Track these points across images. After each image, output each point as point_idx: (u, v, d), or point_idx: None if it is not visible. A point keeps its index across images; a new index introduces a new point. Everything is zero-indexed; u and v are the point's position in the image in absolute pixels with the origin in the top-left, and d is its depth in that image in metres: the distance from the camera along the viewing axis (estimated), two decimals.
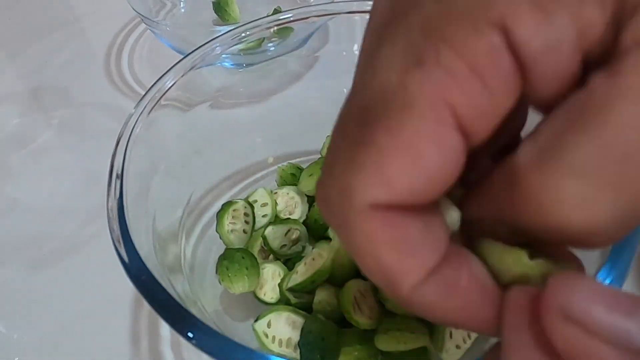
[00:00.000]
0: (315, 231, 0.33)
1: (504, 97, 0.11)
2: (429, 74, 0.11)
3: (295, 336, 0.27)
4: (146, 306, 0.34)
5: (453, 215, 0.14)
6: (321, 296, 0.28)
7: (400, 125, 0.11)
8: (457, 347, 0.26)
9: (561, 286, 0.11)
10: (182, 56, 0.32)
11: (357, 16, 0.35)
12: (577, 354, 0.10)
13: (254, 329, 0.27)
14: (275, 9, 0.51)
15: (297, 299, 0.29)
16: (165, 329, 0.33)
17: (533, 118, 0.14)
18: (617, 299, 0.10)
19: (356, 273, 0.30)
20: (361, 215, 0.12)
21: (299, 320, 0.28)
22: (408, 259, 0.12)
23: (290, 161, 0.37)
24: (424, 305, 0.13)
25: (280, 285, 0.30)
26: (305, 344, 0.26)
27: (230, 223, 0.32)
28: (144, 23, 0.46)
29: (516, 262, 0.13)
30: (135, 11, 0.46)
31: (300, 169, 0.36)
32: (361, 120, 0.12)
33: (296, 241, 0.32)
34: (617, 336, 0.10)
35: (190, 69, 0.31)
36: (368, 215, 0.12)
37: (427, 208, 0.13)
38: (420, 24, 0.12)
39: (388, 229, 0.12)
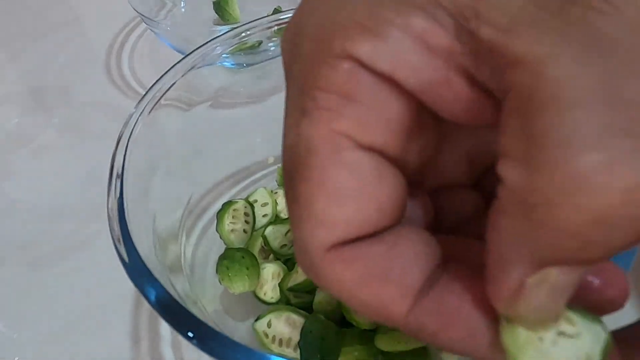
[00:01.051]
0: None
1: (388, 107, 0.12)
2: (313, 117, 0.12)
3: (296, 336, 0.27)
4: (146, 306, 0.34)
5: None
6: (321, 296, 0.28)
7: (310, 170, 0.12)
8: None
9: None
10: (182, 56, 0.32)
11: None
12: None
13: (254, 329, 0.28)
14: (275, 8, 0.51)
15: (298, 298, 0.29)
16: (165, 328, 0.33)
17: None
18: None
19: None
20: (323, 261, 0.13)
21: (299, 320, 0.28)
22: (384, 289, 0.12)
23: None
24: (424, 331, 0.13)
25: (280, 285, 0.30)
26: (305, 344, 0.26)
27: (230, 223, 0.32)
28: (145, 23, 0.46)
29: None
30: (136, 11, 0.46)
31: None
32: (287, 179, 0.14)
33: None
34: None
35: (190, 69, 0.31)
36: (329, 260, 0.13)
37: (394, 232, 0.13)
38: (297, 78, 0.13)
39: (351, 266, 0.13)
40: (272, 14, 0.34)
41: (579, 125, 0.10)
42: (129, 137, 0.27)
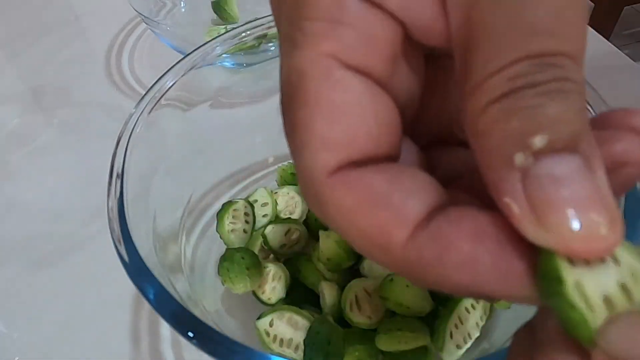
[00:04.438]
0: (315, 231, 0.33)
1: (375, 31, 0.13)
2: (302, 46, 0.13)
3: (297, 337, 0.27)
4: (146, 306, 0.34)
5: None
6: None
7: (304, 94, 0.13)
8: (457, 347, 0.26)
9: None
10: (182, 56, 0.32)
11: None
12: None
13: (255, 327, 0.28)
14: None
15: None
16: (165, 328, 0.33)
17: None
18: None
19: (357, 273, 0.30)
20: (326, 186, 0.12)
21: (302, 321, 0.28)
22: (385, 214, 0.12)
23: (291, 161, 0.37)
24: (422, 267, 0.12)
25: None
26: (310, 343, 0.26)
27: (230, 223, 0.32)
28: (145, 23, 0.46)
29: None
30: (136, 11, 0.46)
31: None
32: (285, 112, 0.13)
33: (296, 241, 0.32)
34: None
35: (190, 69, 0.31)
36: (331, 184, 0.12)
37: (395, 166, 0.13)
38: (286, 15, 0.13)
39: (353, 189, 0.12)
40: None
41: None
42: (129, 137, 0.27)
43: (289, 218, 0.34)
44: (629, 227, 0.21)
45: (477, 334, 0.26)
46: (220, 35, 0.33)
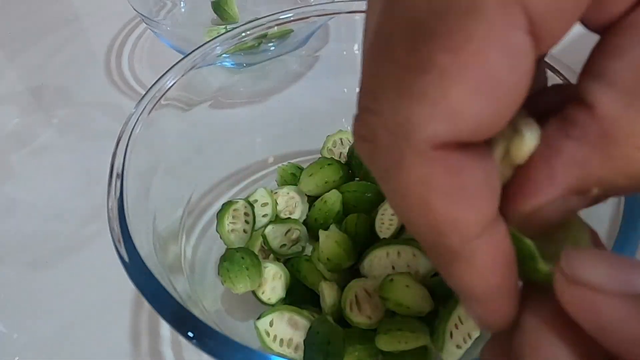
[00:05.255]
0: (315, 231, 0.33)
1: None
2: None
3: (297, 337, 0.27)
4: (146, 306, 0.34)
5: (534, 130, 0.12)
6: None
7: (464, 37, 0.09)
8: (457, 347, 0.26)
9: (568, 259, 0.11)
10: (182, 56, 0.32)
11: (357, 16, 0.34)
12: (586, 310, 0.11)
13: (255, 326, 0.28)
14: None
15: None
16: (165, 328, 0.33)
17: None
18: (617, 261, 0.11)
19: (357, 272, 0.30)
20: (420, 156, 0.10)
21: (302, 321, 0.28)
22: (466, 210, 0.11)
23: (291, 161, 0.37)
24: (472, 266, 0.12)
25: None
26: (310, 343, 0.26)
27: (230, 223, 0.32)
28: (144, 23, 0.46)
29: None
30: (136, 11, 0.46)
31: (301, 169, 0.36)
32: (412, 38, 0.10)
33: (296, 241, 0.32)
34: (620, 286, 0.10)
35: (190, 69, 0.31)
36: (428, 157, 0.10)
37: (486, 150, 0.11)
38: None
39: (448, 175, 0.11)
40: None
41: None
42: (129, 137, 0.27)
43: (289, 218, 0.34)
44: (629, 227, 0.21)
45: (477, 334, 0.26)
46: (220, 35, 0.33)
